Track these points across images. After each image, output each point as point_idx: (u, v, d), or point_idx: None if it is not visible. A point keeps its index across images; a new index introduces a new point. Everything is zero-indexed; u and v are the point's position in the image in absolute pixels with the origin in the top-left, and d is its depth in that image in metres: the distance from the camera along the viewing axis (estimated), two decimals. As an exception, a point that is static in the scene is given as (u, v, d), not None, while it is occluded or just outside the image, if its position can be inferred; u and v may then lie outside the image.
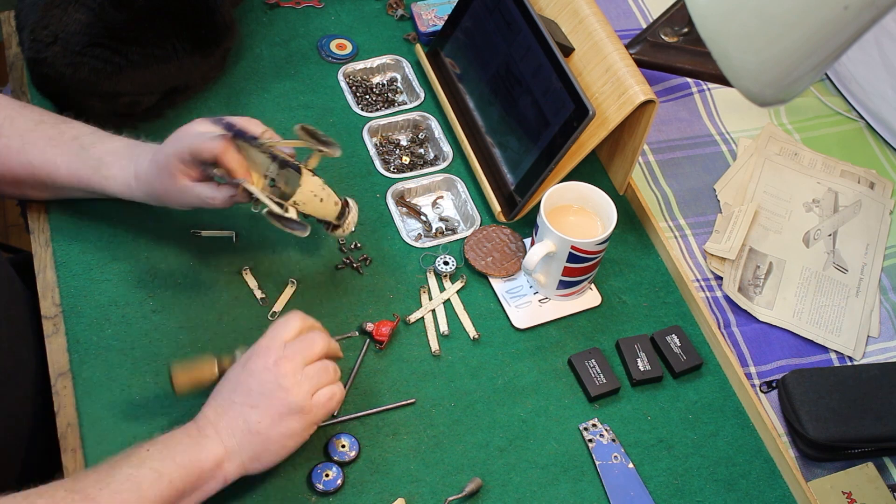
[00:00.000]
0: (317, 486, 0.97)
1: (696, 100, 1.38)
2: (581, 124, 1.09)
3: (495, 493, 1.00)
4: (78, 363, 1.03)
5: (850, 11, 0.75)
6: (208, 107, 1.26)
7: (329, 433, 1.01)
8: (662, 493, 1.01)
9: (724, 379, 1.10)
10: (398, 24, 1.39)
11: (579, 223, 1.11)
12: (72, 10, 1.12)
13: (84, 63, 1.12)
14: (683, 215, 1.25)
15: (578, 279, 1.11)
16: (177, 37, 1.17)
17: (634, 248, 1.20)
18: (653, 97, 1.08)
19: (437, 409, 1.04)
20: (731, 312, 1.17)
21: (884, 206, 1.29)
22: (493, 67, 1.22)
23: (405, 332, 1.10)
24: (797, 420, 1.05)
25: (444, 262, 1.14)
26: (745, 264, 1.20)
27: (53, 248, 1.10)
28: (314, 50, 1.34)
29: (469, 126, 1.25)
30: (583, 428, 1.05)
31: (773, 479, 1.04)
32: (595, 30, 1.15)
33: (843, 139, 1.37)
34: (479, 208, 1.20)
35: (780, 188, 1.29)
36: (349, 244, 1.15)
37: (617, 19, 1.47)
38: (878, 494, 1.02)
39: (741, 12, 0.80)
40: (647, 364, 1.09)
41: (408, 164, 1.25)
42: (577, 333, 1.12)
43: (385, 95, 1.32)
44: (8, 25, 1.31)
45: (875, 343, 1.17)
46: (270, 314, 1.09)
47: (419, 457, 1.01)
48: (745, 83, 0.84)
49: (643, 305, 1.15)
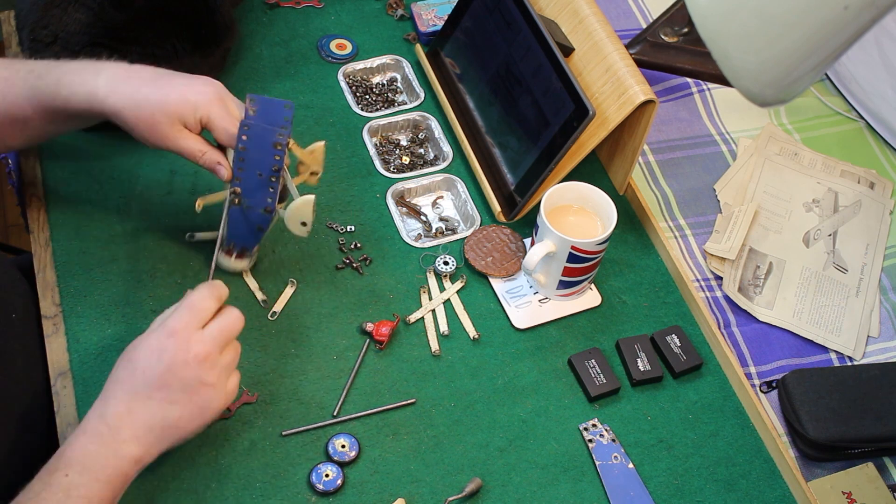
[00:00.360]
0: (317, 486, 0.97)
1: (696, 100, 1.38)
2: (581, 124, 1.09)
3: (495, 493, 1.00)
4: (78, 363, 1.03)
5: (850, 11, 0.75)
6: (208, 107, 1.26)
7: (329, 433, 1.01)
8: (662, 494, 1.01)
9: (724, 379, 1.10)
10: (398, 24, 1.39)
11: (579, 223, 1.11)
12: (71, 10, 1.12)
13: (84, 63, 1.12)
14: (683, 215, 1.25)
15: (578, 279, 1.11)
16: (177, 37, 1.17)
17: (634, 248, 1.20)
18: (653, 97, 1.08)
19: (437, 409, 1.04)
20: (731, 312, 1.17)
21: (884, 206, 1.29)
22: (493, 67, 1.22)
23: (405, 332, 1.10)
24: (797, 420, 1.05)
25: (444, 262, 1.14)
26: (745, 264, 1.20)
27: (53, 248, 1.10)
28: (314, 50, 1.34)
29: (469, 126, 1.25)
30: (583, 428, 1.05)
31: (773, 479, 1.04)
32: (595, 30, 1.15)
33: (843, 139, 1.37)
34: (479, 208, 1.20)
35: (780, 188, 1.29)
36: (349, 244, 1.15)
37: (617, 19, 1.47)
38: (878, 494, 1.02)
39: (741, 12, 0.80)
40: (647, 364, 1.09)
41: (408, 164, 1.25)
42: (577, 333, 1.12)
43: (385, 95, 1.32)
44: (8, 25, 1.31)
45: (875, 343, 1.17)
46: (271, 314, 1.09)
47: (419, 457, 1.01)
48: (745, 83, 0.84)
49: (643, 305, 1.15)
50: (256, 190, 1.01)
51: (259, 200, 1.01)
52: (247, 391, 1.02)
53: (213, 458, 0.98)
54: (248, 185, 1.01)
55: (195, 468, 0.97)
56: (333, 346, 1.08)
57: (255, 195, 1.01)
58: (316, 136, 1.24)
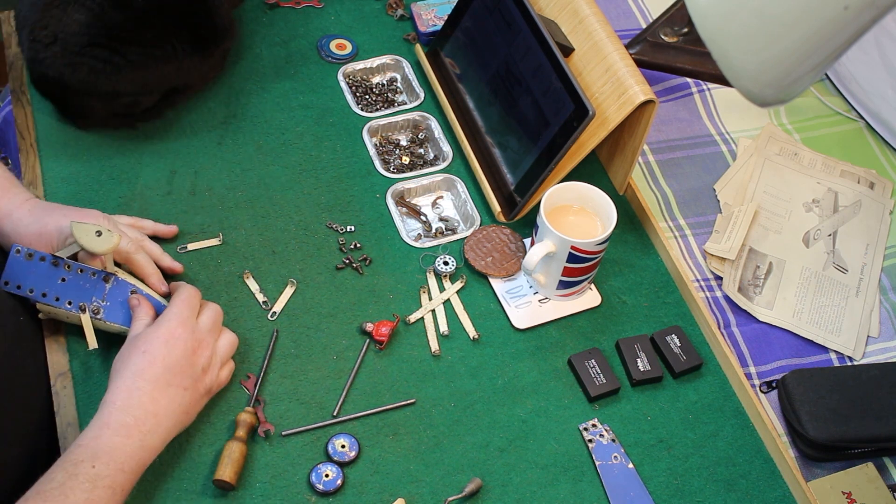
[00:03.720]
0: (317, 487, 0.97)
1: (696, 100, 1.38)
2: (581, 124, 1.09)
3: (495, 493, 0.99)
4: (78, 363, 1.03)
5: (850, 12, 0.75)
6: (208, 107, 1.26)
7: (329, 433, 1.01)
8: (662, 494, 1.01)
9: (724, 379, 1.10)
10: (398, 24, 1.39)
11: (579, 223, 1.11)
12: (71, 11, 1.12)
13: (83, 63, 1.12)
14: (683, 215, 1.25)
15: (578, 279, 1.11)
16: (176, 37, 1.17)
17: (634, 248, 1.20)
18: (653, 97, 1.08)
19: (437, 410, 1.04)
20: (731, 312, 1.17)
21: (884, 206, 1.29)
22: (492, 67, 1.22)
23: (405, 332, 1.10)
24: (797, 420, 1.05)
25: (444, 262, 1.14)
26: (745, 264, 1.20)
27: (53, 249, 1.10)
28: (314, 50, 1.34)
29: (469, 126, 1.25)
30: (583, 428, 1.05)
31: (773, 479, 1.04)
32: (595, 30, 1.15)
33: (843, 139, 1.37)
34: (478, 208, 1.20)
35: (779, 188, 1.29)
36: (349, 244, 1.15)
37: (617, 19, 1.47)
38: (878, 494, 1.02)
39: (741, 12, 0.80)
40: (647, 364, 1.09)
41: (408, 164, 1.25)
42: (577, 333, 1.12)
43: (385, 95, 1.32)
44: (8, 25, 1.31)
45: (875, 343, 1.17)
46: (271, 314, 1.09)
47: (419, 457, 1.01)
48: (745, 83, 0.84)
49: (643, 305, 1.15)
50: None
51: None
52: (264, 420, 1.01)
53: (213, 457, 0.98)
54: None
55: (195, 468, 0.97)
56: (333, 346, 1.07)
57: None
58: (316, 136, 1.25)
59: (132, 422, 0.90)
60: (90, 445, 0.88)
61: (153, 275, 1.04)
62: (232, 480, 0.95)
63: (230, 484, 0.95)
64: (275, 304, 1.10)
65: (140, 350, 0.94)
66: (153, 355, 0.94)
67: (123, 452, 0.89)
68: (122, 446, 0.89)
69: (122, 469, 0.88)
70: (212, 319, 1.00)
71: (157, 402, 0.92)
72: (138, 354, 0.94)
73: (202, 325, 0.99)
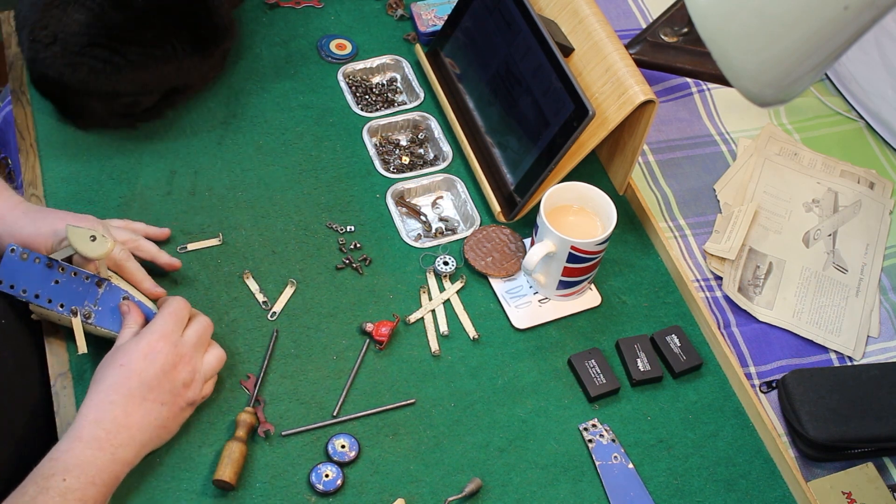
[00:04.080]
0: (317, 487, 0.97)
1: (696, 100, 1.38)
2: (581, 124, 1.09)
3: (495, 493, 0.99)
4: (78, 363, 1.03)
5: (850, 12, 0.75)
6: (207, 107, 1.26)
7: (329, 433, 1.01)
8: (662, 494, 1.01)
9: (723, 379, 1.10)
10: (398, 24, 1.39)
11: (579, 223, 1.11)
12: (71, 11, 1.12)
13: (83, 63, 1.12)
14: (683, 215, 1.25)
15: (578, 279, 1.11)
16: (176, 37, 1.17)
17: (634, 248, 1.20)
18: (653, 97, 1.08)
19: (437, 410, 1.04)
20: (730, 312, 1.17)
21: (884, 206, 1.29)
22: (492, 67, 1.22)
23: (405, 332, 1.10)
24: (797, 420, 1.05)
25: (444, 262, 1.14)
26: (745, 264, 1.20)
27: (53, 249, 1.10)
28: (314, 50, 1.34)
29: (469, 126, 1.25)
30: (583, 428, 1.05)
31: (773, 480, 1.04)
32: (595, 30, 1.15)
33: (842, 139, 1.37)
34: (478, 208, 1.20)
35: (779, 188, 1.29)
36: (349, 244, 1.15)
37: (617, 19, 1.47)
38: (878, 494, 1.02)
39: (741, 12, 0.80)
40: (647, 364, 1.09)
41: (407, 164, 1.25)
42: (577, 333, 1.12)
43: (385, 95, 1.32)
44: (8, 25, 1.31)
45: (875, 343, 1.17)
46: (271, 314, 1.09)
47: (419, 457, 1.01)
48: (745, 83, 0.84)
49: (643, 305, 1.15)
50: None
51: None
52: (264, 420, 1.01)
53: (212, 458, 0.98)
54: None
55: (195, 468, 0.97)
56: (333, 346, 1.07)
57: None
58: (316, 136, 1.25)
59: (104, 435, 0.89)
60: (62, 459, 0.88)
61: (145, 280, 1.04)
62: (232, 480, 0.95)
63: (230, 484, 0.95)
64: (275, 304, 1.10)
65: (118, 363, 0.93)
66: (130, 369, 0.92)
67: (94, 466, 0.88)
68: (93, 459, 0.88)
69: (94, 482, 0.87)
70: (198, 333, 0.98)
71: (131, 416, 0.91)
72: (115, 368, 0.93)
73: (187, 339, 0.97)
